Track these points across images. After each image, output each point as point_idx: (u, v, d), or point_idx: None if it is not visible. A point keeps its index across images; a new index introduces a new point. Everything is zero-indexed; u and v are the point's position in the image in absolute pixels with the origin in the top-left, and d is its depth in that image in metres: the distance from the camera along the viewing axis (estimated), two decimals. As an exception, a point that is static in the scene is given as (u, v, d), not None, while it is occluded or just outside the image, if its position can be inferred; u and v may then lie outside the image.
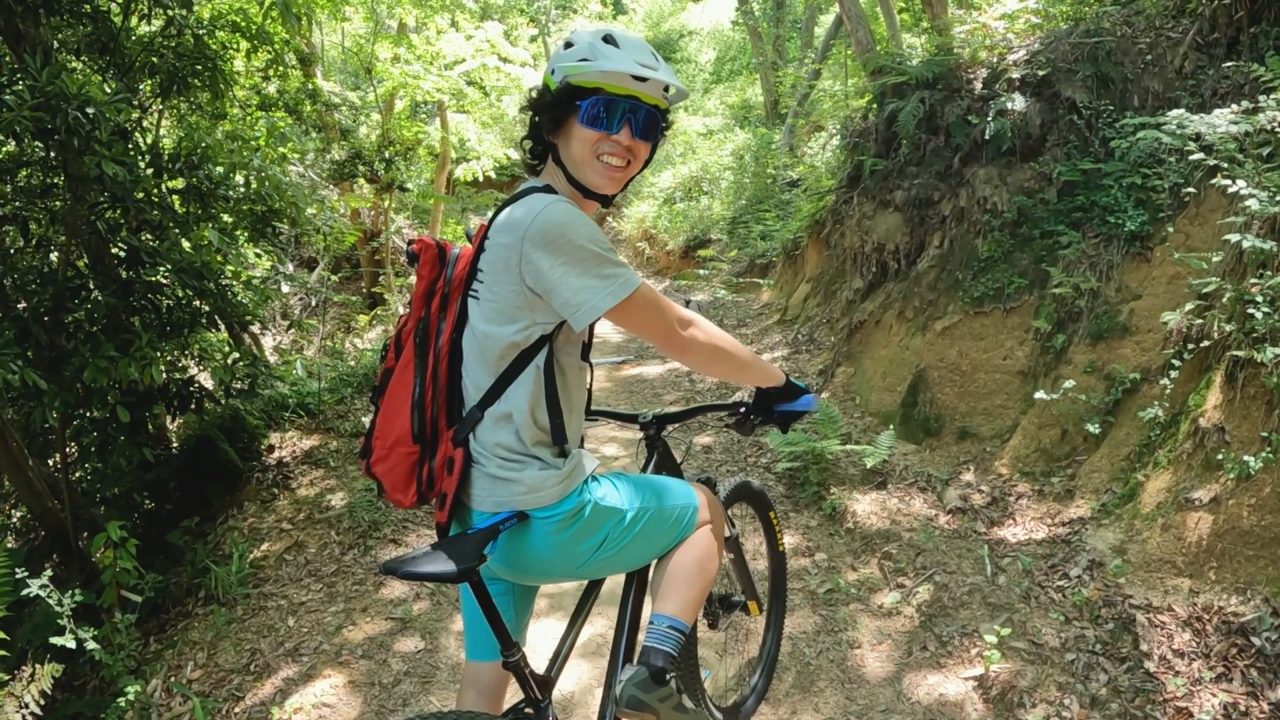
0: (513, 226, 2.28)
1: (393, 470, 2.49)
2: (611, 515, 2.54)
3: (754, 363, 2.77)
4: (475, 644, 2.71)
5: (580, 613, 2.78)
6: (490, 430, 2.40)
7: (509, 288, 2.30)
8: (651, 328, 2.39)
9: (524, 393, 2.36)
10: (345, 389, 8.55)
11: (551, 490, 2.38)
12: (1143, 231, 6.19)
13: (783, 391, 2.96)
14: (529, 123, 2.51)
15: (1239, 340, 4.62)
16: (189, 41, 6.65)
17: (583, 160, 2.40)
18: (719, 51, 32.02)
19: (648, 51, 2.42)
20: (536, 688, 2.48)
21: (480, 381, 2.41)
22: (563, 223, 2.24)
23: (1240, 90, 6.16)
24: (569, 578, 2.64)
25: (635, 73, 2.34)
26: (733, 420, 3.20)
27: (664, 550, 2.79)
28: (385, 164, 14.40)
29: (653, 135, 2.46)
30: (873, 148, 8.99)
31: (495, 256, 2.32)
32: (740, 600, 3.65)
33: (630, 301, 2.28)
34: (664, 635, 2.65)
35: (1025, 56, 7.71)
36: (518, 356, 2.36)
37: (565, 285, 2.23)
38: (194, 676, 4.80)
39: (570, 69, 2.35)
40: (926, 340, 7.22)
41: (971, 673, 4.34)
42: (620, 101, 2.35)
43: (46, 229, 6.17)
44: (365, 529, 6.05)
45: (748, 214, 15.69)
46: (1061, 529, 5.31)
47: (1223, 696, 3.81)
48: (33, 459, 6.07)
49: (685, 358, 2.52)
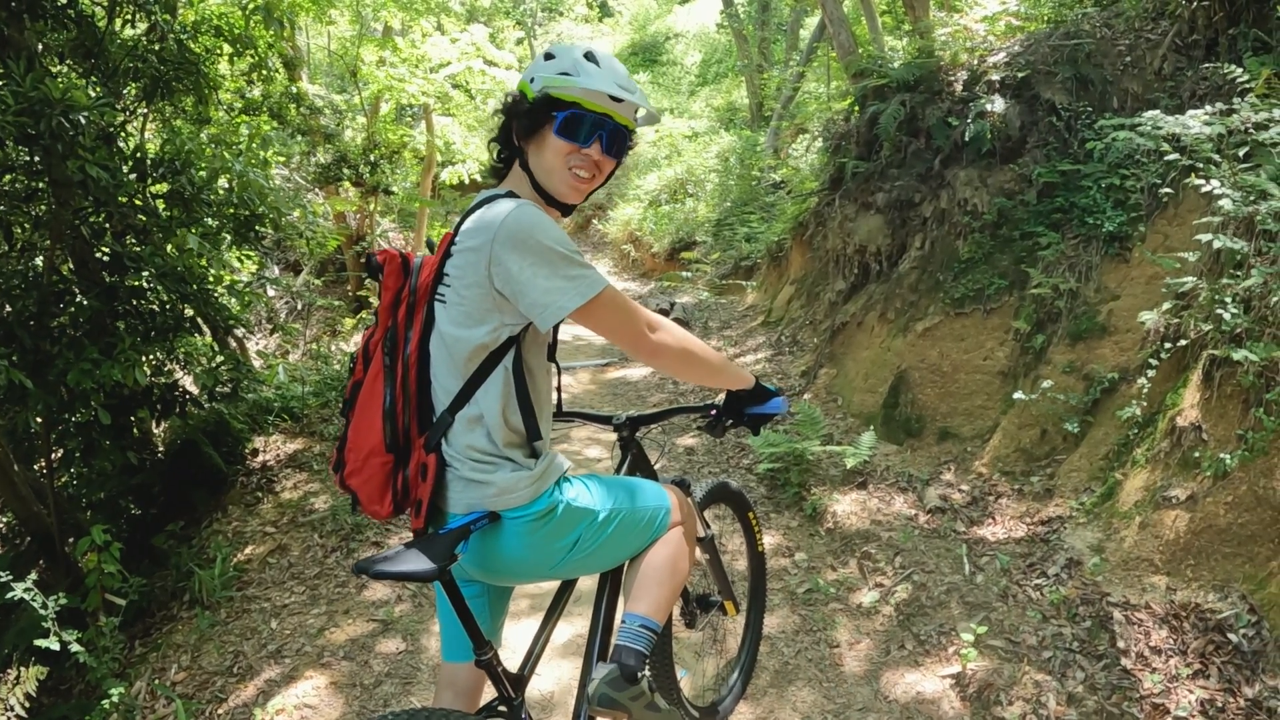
0: (481, 230, 2.33)
1: (368, 482, 2.52)
2: (584, 516, 2.57)
3: (724, 366, 2.82)
4: (451, 645, 2.75)
5: (554, 611, 2.81)
6: (461, 434, 2.44)
7: (477, 290, 2.34)
8: (619, 330, 2.43)
9: (494, 394, 2.40)
10: (329, 393, 8.54)
11: (524, 491, 2.42)
12: (1121, 232, 6.23)
13: (752, 394, 3.01)
14: (499, 127, 2.59)
15: (1215, 339, 4.67)
16: (173, 46, 6.65)
17: (552, 169, 2.47)
18: (704, 54, 32.07)
19: (624, 75, 2.52)
20: (509, 685, 2.52)
21: (449, 385, 2.45)
22: (531, 225, 2.29)
23: (1219, 92, 6.21)
24: (542, 578, 2.66)
25: (613, 93, 2.42)
26: (704, 422, 3.24)
27: (636, 551, 2.82)
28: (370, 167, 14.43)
29: (618, 153, 2.54)
30: (854, 150, 9.03)
31: (463, 260, 2.37)
32: (717, 600, 3.68)
33: (596, 302, 2.32)
34: (636, 634, 2.68)
35: (1005, 59, 7.76)
36: (486, 359, 2.40)
37: (533, 286, 2.28)
38: (178, 679, 4.81)
39: (551, 81, 2.42)
40: (908, 341, 7.26)
41: (949, 671, 4.37)
42: (595, 118, 2.43)
43: (30, 233, 6.17)
44: (348, 532, 6.06)
45: (732, 216, 15.70)
46: (1040, 528, 5.35)
47: (1199, 693, 3.85)
48: (17, 463, 6.08)
49: (654, 361, 2.56)
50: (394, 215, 20.32)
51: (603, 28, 39.00)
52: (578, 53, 2.50)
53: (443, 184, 19.16)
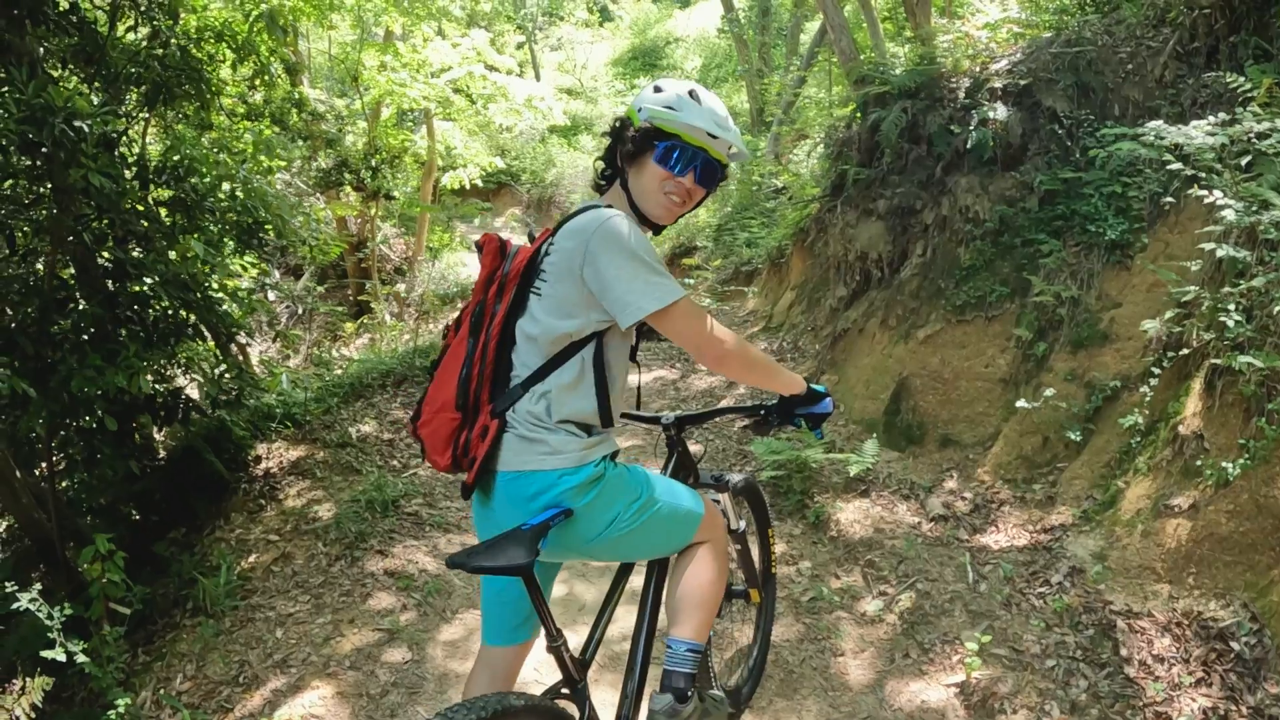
0: (579, 231, 2.61)
1: (435, 433, 2.75)
2: (626, 494, 2.75)
3: (780, 371, 3.05)
4: (492, 629, 2.96)
5: (610, 600, 3.05)
6: (529, 403, 2.66)
7: (570, 285, 2.61)
8: (690, 336, 2.64)
9: (567, 378, 2.66)
10: (331, 399, 8.53)
11: (573, 454, 2.63)
12: (1123, 240, 6.24)
13: (805, 398, 3.19)
14: (605, 148, 2.90)
15: (1218, 348, 4.68)
16: (175, 52, 6.65)
17: (649, 191, 2.77)
18: (705, 59, 32.12)
19: (723, 114, 2.78)
20: (575, 670, 2.69)
21: (530, 363, 2.69)
22: (624, 232, 2.56)
23: (1220, 100, 6.21)
24: (577, 550, 2.80)
25: (711, 130, 2.71)
26: (750, 422, 3.48)
27: (665, 550, 3.00)
28: (371, 172, 14.43)
29: (710, 183, 2.82)
30: (856, 156, 9.03)
31: (559, 259, 2.63)
32: (742, 589, 3.82)
33: (674, 309, 2.56)
34: (682, 659, 2.88)
35: (1007, 66, 7.76)
36: (568, 346, 2.66)
37: (618, 285, 2.53)
38: (183, 688, 4.80)
39: (656, 114, 2.71)
40: (909, 348, 7.26)
41: (953, 679, 4.38)
42: (692, 150, 2.72)
43: (32, 239, 6.16)
44: (352, 540, 6.05)
45: (733, 222, 15.68)
46: (1043, 536, 5.35)
47: (1202, 701, 3.86)
48: (19, 469, 6.07)
49: (720, 367, 2.78)
50: (395, 220, 20.32)
51: (603, 32, 39.11)
52: (683, 89, 2.76)
53: (444, 189, 19.17)
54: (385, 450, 7.75)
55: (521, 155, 27.10)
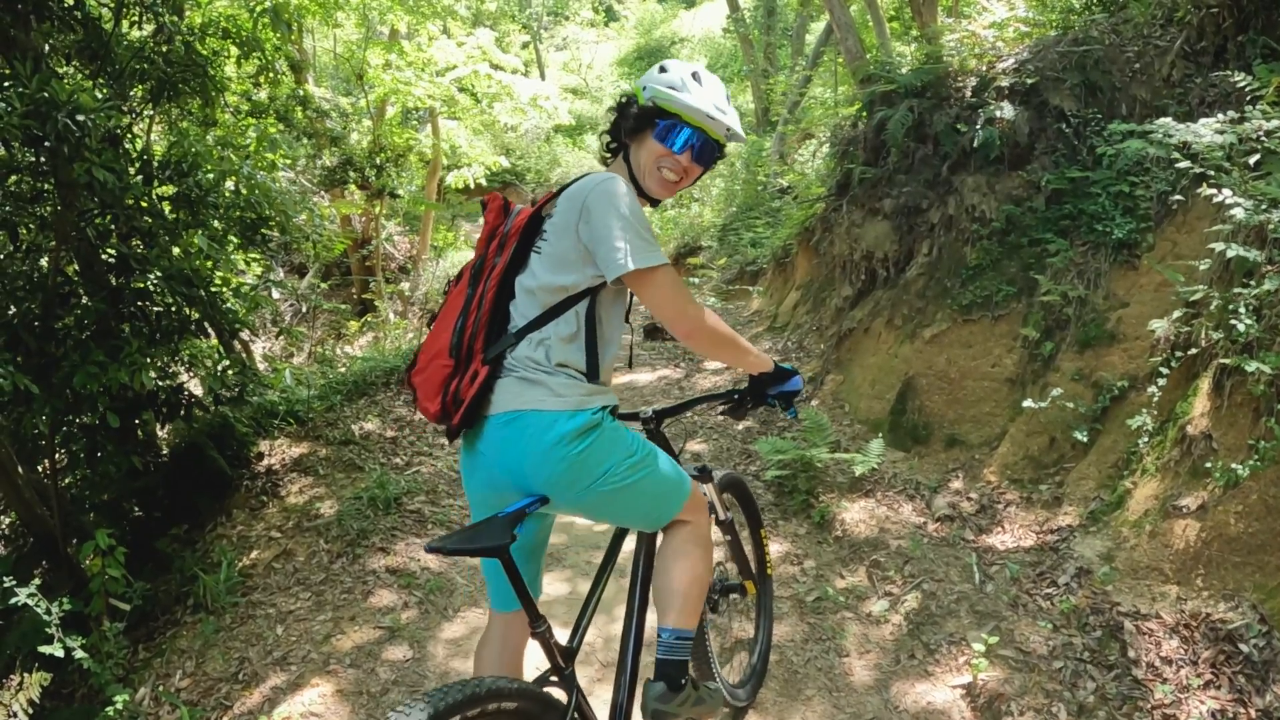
0: (579, 192, 2.74)
1: (427, 380, 2.83)
2: (619, 449, 2.77)
3: (749, 350, 3.09)
4: (496, 596, 3.05)
5: (596, 588, 3.03)
6: (528, 349, 2.75)
7: (568, 240, 2.73)
8: (667, 305, 2.72)
9: (563, 329, 2.75)
10: (334, 396, 8.52)
11: (573, 398, 2.69)
12: (1130, 239, 6.20)
13: (773, 376, 3.29)
14: (611, 122, 3.01)
15: (1226, 348, 4.65)
16: (179, 48, 6.65)
17: (647, 167, 2.91)
18: (710, 59, 32.12)
19: (724, 96, 2.92)
20: (561, 657, 2.70)
21: (528, 313, 2.78)
22: (620, 193, 2.69)
23: (1227, 99, 6.18)
24: (565, 500, 2.78)
25: (710, 112, 2.84)
26: (726, 407, 3.53)
27: (652, 517, 3.02)
28: (376, 170, 14.42)
29: (707, 162, 2.95)
30: (862, 156, 9.00)
31: (560, 218, 2.76)
32: (737, 583, 3.85)
33: (655, 273, 2.65)
34: (673, 647, 2.94)
35: (1014, 65, 7.73)
36: (564, 299, 2.75)
37: (607, 241, 2.63)
38: (182, 685, 4.78)
39: (659, 93, 2.84)
40: (915, 348, 7.23)
41: (959, 681, 4.35)
42: (691, 130, 2.85)
43: (36, 235, 6.15)
44: (354, 537, 6.03)
45: (738, 221, 15.69)
46: (1050, 536, 5.32)
47: (1210, 703, 3.83)
48: (21, 465, 6.06)
49: (691, 340, 2.83)
50: (399, 218, 20.33)
51: (608, 32, 39.15)
52: (687, 71, 2.89)
53: (448, 187, 19.18)
54: (388, 448, 7.74)
55: (526, 155, 27.17)
